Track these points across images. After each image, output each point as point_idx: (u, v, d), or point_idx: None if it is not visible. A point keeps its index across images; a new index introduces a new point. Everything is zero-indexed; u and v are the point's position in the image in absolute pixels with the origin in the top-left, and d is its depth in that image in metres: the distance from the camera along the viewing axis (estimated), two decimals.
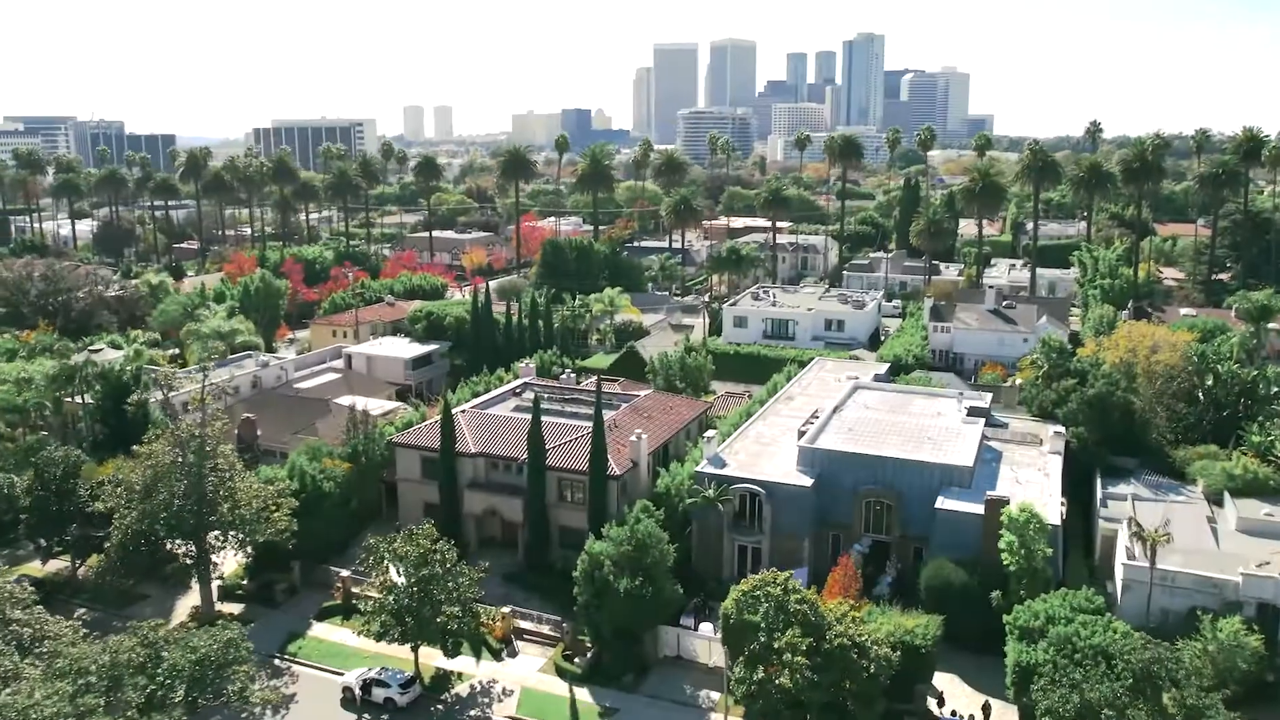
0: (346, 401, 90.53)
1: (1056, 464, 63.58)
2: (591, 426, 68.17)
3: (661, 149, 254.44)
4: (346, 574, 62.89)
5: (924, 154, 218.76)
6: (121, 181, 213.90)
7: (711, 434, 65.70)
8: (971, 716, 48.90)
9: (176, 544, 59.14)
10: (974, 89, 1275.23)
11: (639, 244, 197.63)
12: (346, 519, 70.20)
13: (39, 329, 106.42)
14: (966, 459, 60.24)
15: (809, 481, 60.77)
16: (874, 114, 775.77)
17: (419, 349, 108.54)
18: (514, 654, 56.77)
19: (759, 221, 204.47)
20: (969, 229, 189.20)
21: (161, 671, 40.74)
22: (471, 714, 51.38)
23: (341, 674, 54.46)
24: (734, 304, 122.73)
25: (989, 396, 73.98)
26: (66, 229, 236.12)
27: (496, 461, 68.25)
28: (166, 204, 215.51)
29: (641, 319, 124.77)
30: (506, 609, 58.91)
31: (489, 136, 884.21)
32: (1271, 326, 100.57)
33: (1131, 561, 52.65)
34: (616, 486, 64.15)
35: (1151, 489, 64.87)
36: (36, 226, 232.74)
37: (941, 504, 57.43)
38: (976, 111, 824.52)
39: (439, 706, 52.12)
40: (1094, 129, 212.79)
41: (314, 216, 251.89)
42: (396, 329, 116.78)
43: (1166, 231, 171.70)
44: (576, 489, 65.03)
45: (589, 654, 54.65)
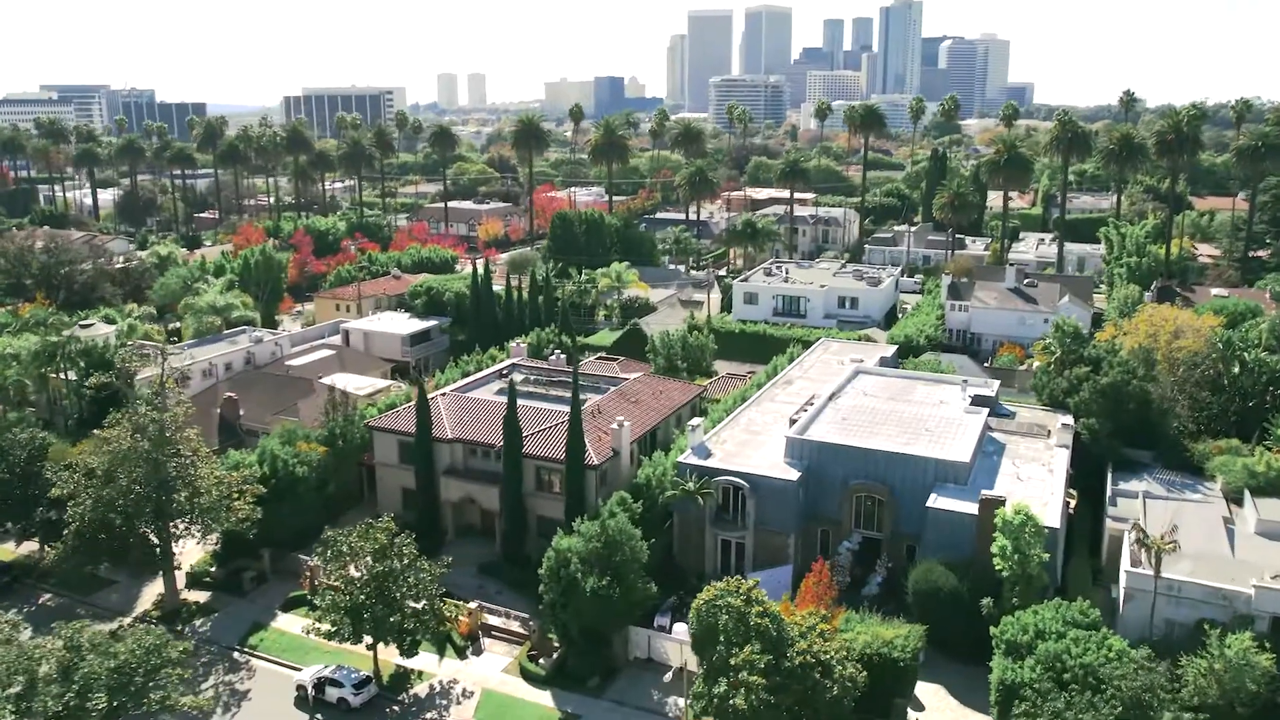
0: (338, 380, 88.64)
1: (1062, 459, 59.63)
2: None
3: (685, 117, 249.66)
4: (316, 563, 60.70)
5: (952, 123, 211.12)
6: (140, 151, 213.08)
7: (697, 422, 62.47)
8: None
9: (145, 529, 57.13)
10: (1014, 56, 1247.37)
11: (659, 216, 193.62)
12: (323, 504, 68.16)
13: (36, 302, 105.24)
14: (963, 454, 56.52)
15: (795, 475, 57.44)
16: (911, 82, 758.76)
17: (418, 325, 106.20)
18: (479, 652, 54.37)
19: (784, 193, 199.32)
20: (1000, 201, 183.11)
21: (78, 679, 38.57)
22: (428, 717, 49.05)
23: (299, 669, 52.46)
24: (745, 279, 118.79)
25: (995, 385, 69.82)
26: (89, 195, 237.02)
27: (474, 448, 65.64)
28: (183, 173, 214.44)
29: (649, 294, 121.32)
30: (474, 604, 56.46)
31: (522, 104, 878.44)
32: None
33: (1135, 569, 48.88)
34: (595, 476, 61.29)
35: (1166, 486, 60.80)
36: (62, 195, 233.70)
37: (934, 502, 53.90)
38: (1016, 80, 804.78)
39: (395, 708, 49.86)
40: (1128, 99, 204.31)
41: (336, 186, 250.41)
42: (401, 303, 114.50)
43: (1204, 205, 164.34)
44: (555, 478, 62.29)
45: (555, 655, 52.07)
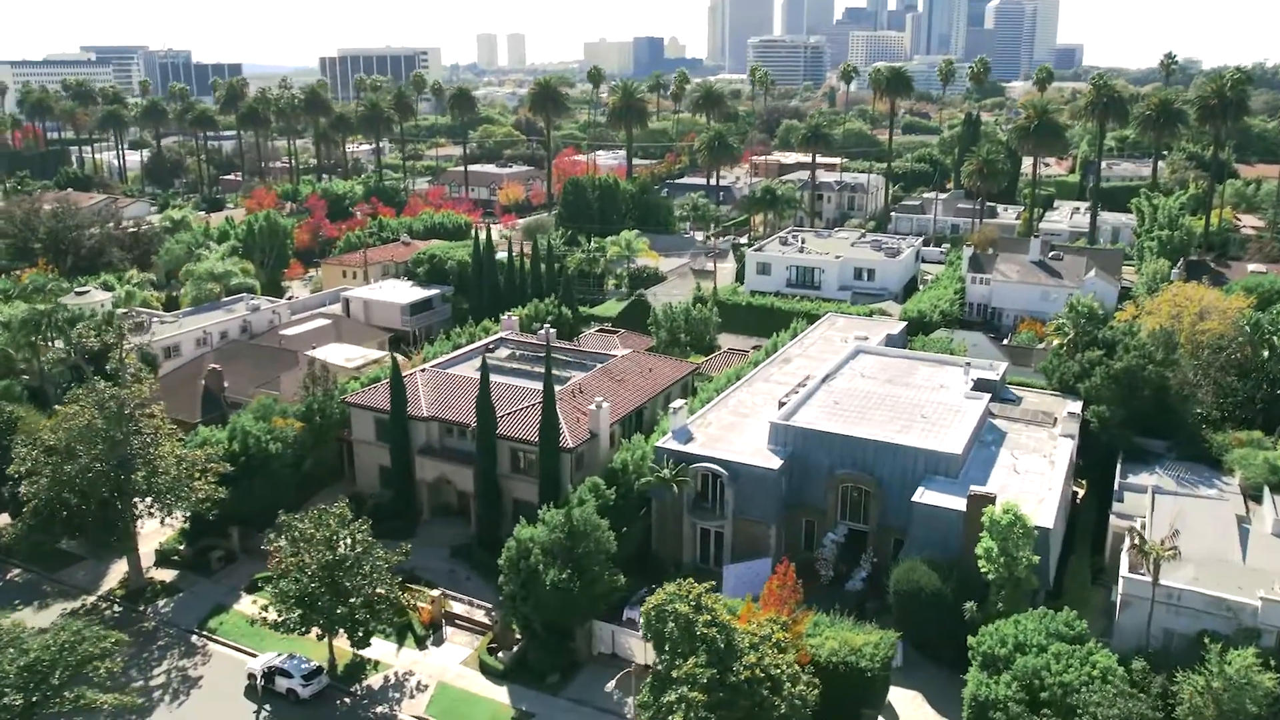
0: (331, 351, 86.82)
1: (1065, 450, 55.79)
2: (556, 390, 62.77)
3: (722, 79, 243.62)
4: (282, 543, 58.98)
5: (994, 86, 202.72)
6: (162, 113, 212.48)
7: (679, 404, 59.44)
8: None
9: (103, 508, 55.58)
10: (1063, 17, 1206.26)
11: (683, 181, 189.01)
12: (300, 481, 66.46)
13: (37, 268, 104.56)
14: (955, 445, 52.94)
15: (776, 464, 54.31)
16: (956, 43, 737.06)
17: (419, 293, 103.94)
18: (440, 642, 52.32)
19: (815, 157, 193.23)
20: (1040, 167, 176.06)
21: None
22: (378, 711, 47.17)
23: (255, 655, 50.83)
24: (759, 249, 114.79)
25: (1001, 369, 65.75)
26: (120, 157, 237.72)
27: (451, 427, 63.30)
28: (203, 135, 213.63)
29: (659, 264, 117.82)
30: (437, 591, 54.41)
31: (561, 64, 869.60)
32: None
33: (1132, 575, 45.29)
34: (571, 460, 58.71)
35: (1179, 479, 56.82)
36: (92, 158, 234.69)
37: (920, 496, 50.54)
38: (1065, 41, 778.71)
39: (345, 700, 48.03)
40: (1169, 62, 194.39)
41: (363, 149, 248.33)
42: (409, 271, 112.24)
43: (1252, 173, 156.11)
44: (532, 460, 59.79)
45: (515, 648, 49.85)
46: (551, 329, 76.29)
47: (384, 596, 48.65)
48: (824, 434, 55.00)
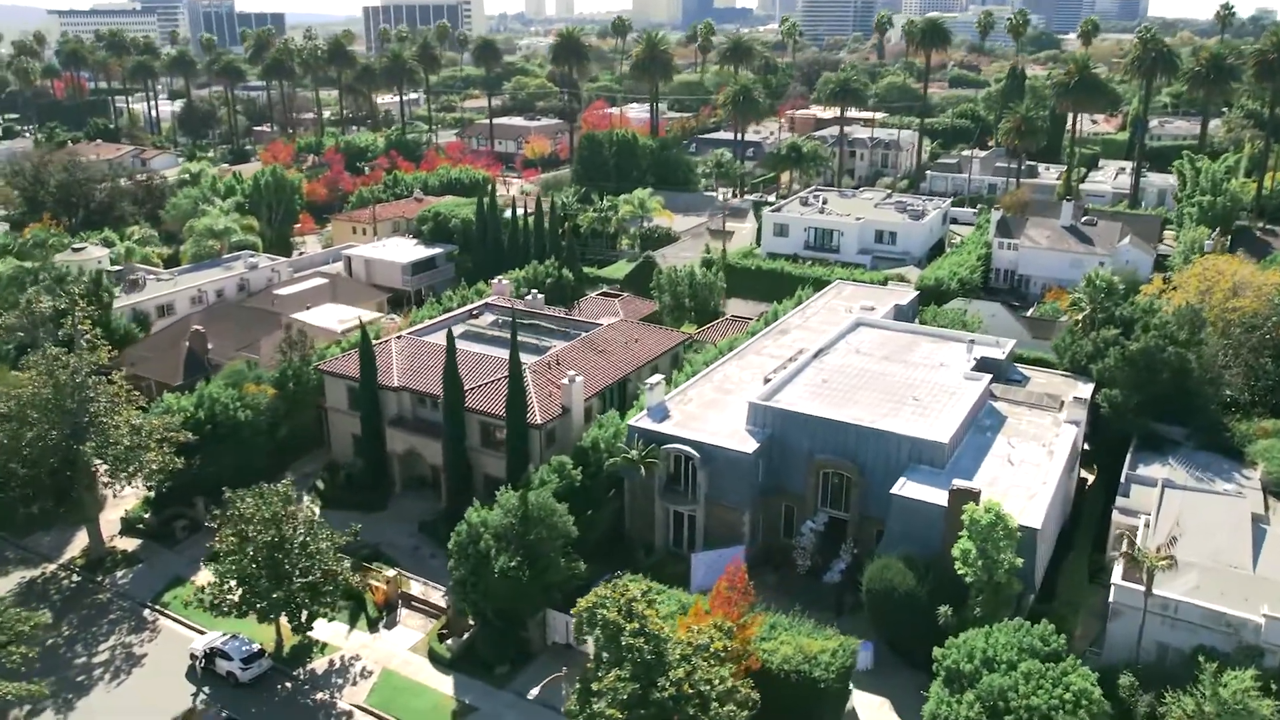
0: (325, 311, 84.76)
1: (1068, 438, 51.52)
2: (531, 362, 60.02)
3: (772, 29, 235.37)
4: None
5: (1020, 39, 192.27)
6: (190, 64, 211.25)
7: (657, 379, 56.07)
8: None
9: (54, 479, 54.08)
10: None
11: (714, 136, 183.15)
12: (275, 448, 64.69)
13: (42, 223, 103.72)
14: (942, 433, 48.97)
15: (751, 447, 50.88)
16: None
17: (422, 252, 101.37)
18: (392, 625, 50.22)
19: (852, 112, 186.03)
20: (1087, 124, 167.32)
21: None
22: (318, 698, 45.26)
23: (204, 633, 49.21)
24: (777, 209, 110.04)
25: (1008, 346, 61.18)
26: (161, 109, 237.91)
27: (423, 398, 60.77)
28: (230, 86, 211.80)
29: (673, 223, 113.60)
30: (392, 571, 52.24)
31: (609, 13, 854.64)
32: None
33: (1124, 583, 41.37)
34: (540, 436, 55.89)
35: (1193, 471, 52.32)
36: (127, 108, 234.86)
37: (901, 488, 46.84)
38: None
39: (286, 685, 46.18)
40: (1225, 13, 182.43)
41: (395, 100, 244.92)
42: (415, 229, 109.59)
43: None
44: (502, 435, 57.06)
45: (465, 635, 47.54)
46: (539, 294, 73.05)
47: (330, 578, 46.53)
48: (803, 416, 51.36)
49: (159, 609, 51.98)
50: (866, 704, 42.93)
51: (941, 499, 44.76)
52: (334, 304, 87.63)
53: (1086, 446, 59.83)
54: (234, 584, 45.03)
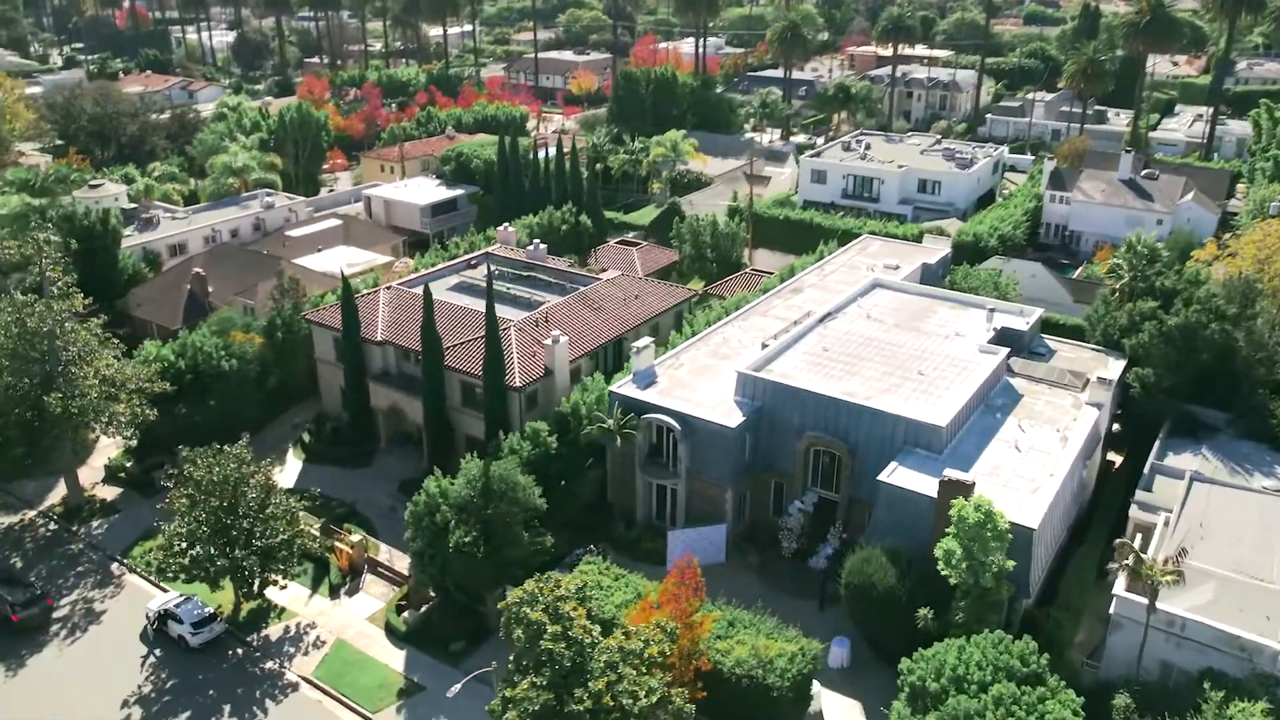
0: (336, 255, 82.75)
1: (1087, 423, 46.80)
2: (518, 319, 57.03)
3: None
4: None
5: None
6: None
7: (644, 343, 52.50)
8: None
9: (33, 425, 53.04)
10: None
11: (767, 74, 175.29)
12: (265, 398, 63.20)
13: (68, 158, 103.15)
14: (941, 415, 44.69)
15: (735, 420, 47.28)
16: None
17: (442, 194, 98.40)
18: (355, 591, 48.44)
19: (920, 50, 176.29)
20: (1167, 65, 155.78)
21: None
22: (266, 667, 43.75)
23: (167, 591, 48.04)
24: (816, 154, 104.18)
25: (1034, 316, 56.00)
26: (218, 40, 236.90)
27: (407, 353, 58.26)
28: (276, 16, 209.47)
29: (706, 167, 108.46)
30: (358, 536, 50.31)
31: None
32: None
33: (1126, 593, 37.19)
34: (520, 399, 53.01)
35: (1229, 463, 47.42)
36: (188, 38, 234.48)
37: (889, 475, 42.93)
38: None
39: (238, 651, 44.77)
40: None
41: (453, 31, 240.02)
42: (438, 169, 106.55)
43: None
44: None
45: (424, 608, 45.49)
46: (542, 244, 69.53)
47: (286, 544, 44.70)
48: (793, 389, 47.47)
49: (126, 564, 50.99)
50: (836, 706, 39.81)
51: (932, 489, 40.82)
52: (346, 247, 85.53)
53: (1116, 428, 54.99)
54: (183, 548, 43.43)
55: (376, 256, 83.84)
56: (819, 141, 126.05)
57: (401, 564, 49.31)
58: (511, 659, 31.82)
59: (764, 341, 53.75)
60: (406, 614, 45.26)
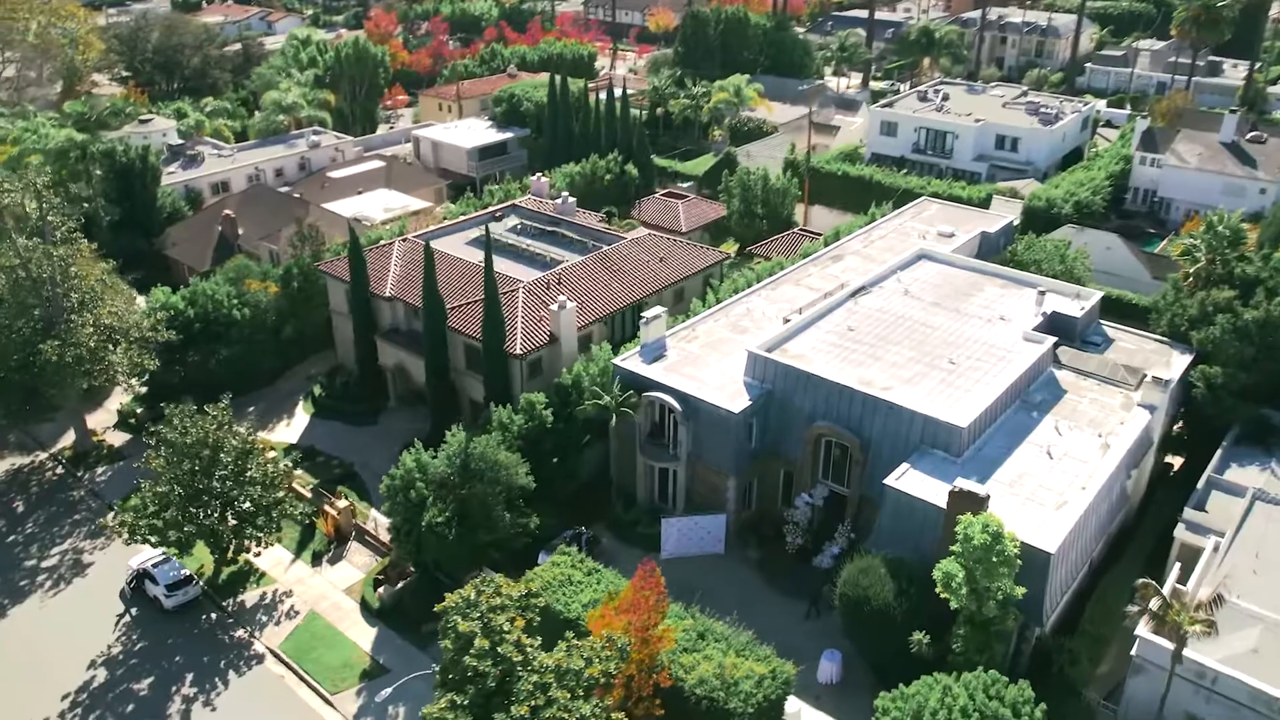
0: (376, 198, 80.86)
1: (1135, 428, 41.59)
2: (528, 280, 54.07)
3: None
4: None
5: None
6: None
7: (655, 312, 48.85)
8: None
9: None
10: None
11: (854, 14, 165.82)
12: (280, 349, 62.04)
13: (127, 90, 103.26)
14: (963, 415, 40.09)
15: (740, 405, 43.55)
16: None
17: (491, 136, 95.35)
18: (338, 559, 46.89)
19: None
20: None
21: None
22: (236, 635, 42.58)
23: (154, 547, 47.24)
24: (888, 104, 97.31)
25: (1093, 300, 50.17)
26: None
27: (417, 310, 55.76)
28: None
29: (772, 114, 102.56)
30: (344, 502, 48.58)
31: None
32: None
33: (1150, 635, 32.69)
34: (521, 367, 50.17)
35: None
36: None
37: (896, 479, 38.77)
38: None
39: (212, 616, 43.71)
40: None
41: None
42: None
43: None
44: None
45: (400, 584, 43.61)
46: (570, 198, 65.95)
47: (264, 509, 43.21)
48: (804, 374, 43.40)
49: (103, 521, 50.30)
50: None
51: (943, 498, 36.60)
52: (386, 189, 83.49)
53: (1180, 434, 49.41)
54: (155, 509, 42.26)
55: (415, 201, 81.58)
56: (902, 88, 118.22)
57: (383, 535, 47.47)
58: (437, 672, 29.46)
59: (785, 317, 49.57)
60: (383, 589, 43.45)
